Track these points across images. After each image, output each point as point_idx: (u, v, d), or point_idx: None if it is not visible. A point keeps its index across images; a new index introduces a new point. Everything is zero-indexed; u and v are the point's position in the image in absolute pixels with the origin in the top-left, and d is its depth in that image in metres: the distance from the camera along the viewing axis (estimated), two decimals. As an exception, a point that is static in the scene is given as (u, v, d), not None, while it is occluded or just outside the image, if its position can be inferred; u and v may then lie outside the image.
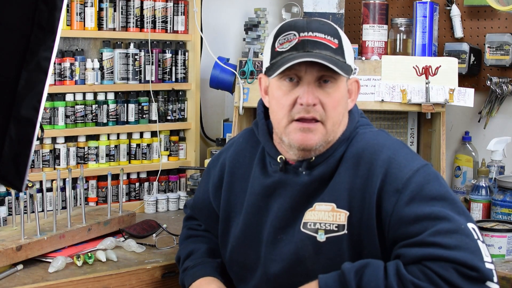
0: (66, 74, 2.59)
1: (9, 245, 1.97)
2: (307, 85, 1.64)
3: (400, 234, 1.56)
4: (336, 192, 1.65)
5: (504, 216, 2.32)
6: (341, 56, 1.67)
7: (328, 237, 1.64)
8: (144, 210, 2.75)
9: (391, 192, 1.58)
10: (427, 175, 1.60)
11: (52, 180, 2.48)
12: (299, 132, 1.65)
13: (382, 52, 2.71)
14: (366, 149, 1.66)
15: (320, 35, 1.65)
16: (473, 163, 2.75)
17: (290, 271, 1.69)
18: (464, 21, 2.77)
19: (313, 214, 1.66)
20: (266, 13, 2.84)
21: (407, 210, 1.55)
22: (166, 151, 2.86)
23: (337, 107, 1.66)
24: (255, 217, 1.76)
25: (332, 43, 1.66)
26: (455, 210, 1.55)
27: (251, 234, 1.77)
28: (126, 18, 2.73)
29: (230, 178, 1.84)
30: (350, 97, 1.74)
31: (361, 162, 1.64)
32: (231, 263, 1.83)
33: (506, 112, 2.71)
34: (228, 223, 1.83)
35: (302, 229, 1.67)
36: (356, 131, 1.72)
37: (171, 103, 2.85)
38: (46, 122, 2.55)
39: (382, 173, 1.60)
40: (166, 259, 2.11)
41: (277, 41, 1.68)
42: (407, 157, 1.64)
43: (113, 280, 1.98)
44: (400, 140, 1.76)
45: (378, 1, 2.72)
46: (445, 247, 1.48)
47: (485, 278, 1.48)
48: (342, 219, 1.63)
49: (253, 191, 1.78)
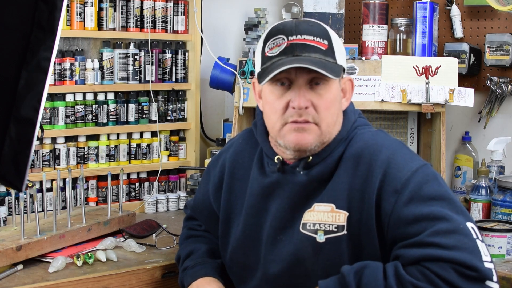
0: (66, 74, 2.59)
1: (9, 245, 1.97)
2: (299, 88, 1.64)
3: (399, 234, 1.56)
4: (335, 192, 1.65)
5: (504, 216, 2.32)
6: (331, 57, 1.66)
7: (328, 237, 1.64)
8: (144, 210, 2.75)
9: (390, 193, 1.58)
10: (425, 175, 1.60)
11: (52, 180, 2.48)
12: (294, 132, 1.66)
13: (382, 52, 2.71)
14: (365, 149, 1.66)
15: (309, 38, 1.64)
16: (473, 163, 2.75)
17: (290, 272, 1.69)
18: (464, 21, 2.77)
19: (313, 215, 1.66)
20: (266, 13, 2.84)
21: (406, 211, 1.55)
22: (166, 151, 2.86)
23: (330, 108, 1.66)
24: (254, 218, 1.77)
25: (321, 44, 1.65)
26: (454, 210, 1.55)
27: (251, 235, 1.77)
28: (126, 18, 2.73)
29: (230, 179, 1.84)
30: (345, 96, 1.74)
31: (360, 163, 1.64)
32: (232, 264, 1.83)
33: (506, 112, 2.71)
34: (229, 224, 1.83)
35: (302, 230, 1.67)
36: (355, 131, 1.72)
37: (171, 103, 2.85)
38: (46, 122, 2.55)
39: (381, 174, 1.60)
40: (166, 259, 2.11)
41: (266, 46, 1.68)
42: (406, 158, 1.64)
43: (113, 280, 1.98)
44: (399, 140, 1.76)
45: (378, 1, 2.72)
46: (443, 247, 1.48)
47: (485, 278, 1.47)
48: (342, 220, 1.63)
49: (252, 192, 1.78)
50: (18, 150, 1.23)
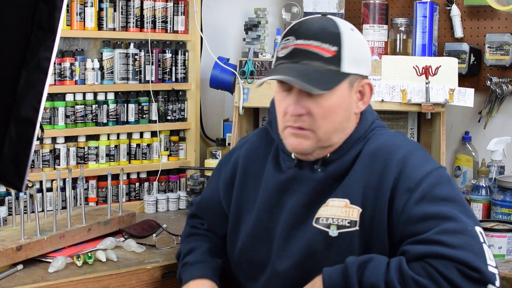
0: (66, 74, 2.59)
1: (9, 245, 1.97)
2: (296, 95, 1.65)
3: (408, 232, 1.57)
4: (350, 188, 1.66)
5: (504, 216, 2.32)
6: (335, 65, 1.63)
7: (340, 232, 1.65)
8: (144, 210, 2.75)
9: (403, 191, 1.60)
10: (439, 177, 1.62)
11: (52, 180, 2.48)
12: (292, 136, 1.68)
13: (382, 52, 2.71)
14: (383, 148, 1.67)
15: (315, 44, 1.63)
16: (473, 163, 2.75)
17: (301, 267, 1.70)
18: (464, 21, 2.77)
19: (326, 209, 1.67)
20: (266, 13, 2.84)
21: (416, 209, 1.57)
22: (166, 151, 2.86)
23: (329, 116, 1.65)
24: (267, 213, 1.78)
25: (327, 51, 1.63)
26: (464, 212, 1.56)
27: (262, 230, 1.78)
28: (126, 18, 2.73)
29: (243, 175, 1.86)
30: (362, 99, 1.72)
31: (377, 161, 1.66)
32: (240, 260, 1.84)
33: (506, 112, 2.71)
34: (239, 220, 1.84)
35: (314, 224, 1.68)
36: (373, 132, 1.73)
37: (171, 103, 2.85)
38: (46, 122, 2.55)
39: (397, 172, 1.62)
40: (166, 259, 2.11)
41: (281, 43, 1.70)
42: (422, 159, 1.65)
43: (113, 280, 1.98)
44: (416, 142, 1.77)
45: (378, 1, 2.72)
46: (449, 246, 1.49)
47: (487, 281, 1.47)
48: (355, 215, 1.64)
49: (266, 187, 1.79)
50: (18, 150, 1.23)
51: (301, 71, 1.61)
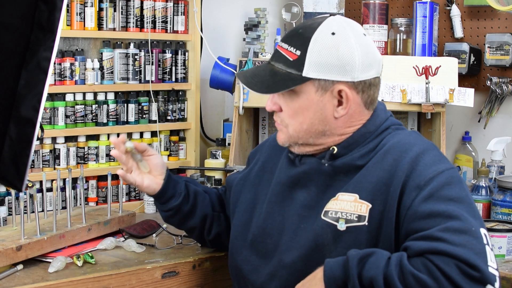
0: (66, 74, 2.59)
1: (9, 245, 1.97)
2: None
3: (412, 228, 1.58)
4: (361, 184, 1.68)
5: (504, 216, 2.32)
6: (295, 69, 1.69)
7: (349, 226, 1.66)
8: (144, 210, 2.75)
9: (412, 188, 1.61)
10: (450, 178, 1.62)
11: (52, 180, 2.48)
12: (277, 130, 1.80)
13: (382, 52, 2.71)
14: (397, 146, 1.69)
15: (284, 46, 1.72)
16: (473, 163, 2.75)
17: (307, 259, 1.71)
18: (464, 21, 2.77)
19: (336, 203, 1.69)
20: (266, 13, 2.84)
21: (423, 206, 1.57)
22: (166, 151, 2.86)
23: (295, 116, 1.73)
24: (278, 206, 1.81)
25: (290, 54, 1.70)
26: (471, 213, 1.57)
27: (272, 222, 1.81)
28: (126, 18, 2.73)
29: (262, 172, 1.92)
30: (340, 105, 1.73)
31: (390, 158, 1.67)
32: (250, 253, 1.85)
33: (506, 112, 2.71)
34: (252, 213, 1.88)
35: (323, 217, 1.70)
36: (388, 130, 1.76)
37: (171, 103, 2.85)
38: (46, 122, 2.55)
39: (408, 169, 1.63)
40: (166, 259, 2.11)
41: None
42: (435, 158, 1.66)
43: (113, 280, 1.98)
44: (432, 142, 1.78)
45: (378, 1, 2.73)
46: (450, 243, 1.49)
47: (486, 281, 1.47)
48: (364, 211, 1.65)
49: (279, 180, 1.83)
50: (18, 150, 1.23)
51: (257, 72, 1.76)
